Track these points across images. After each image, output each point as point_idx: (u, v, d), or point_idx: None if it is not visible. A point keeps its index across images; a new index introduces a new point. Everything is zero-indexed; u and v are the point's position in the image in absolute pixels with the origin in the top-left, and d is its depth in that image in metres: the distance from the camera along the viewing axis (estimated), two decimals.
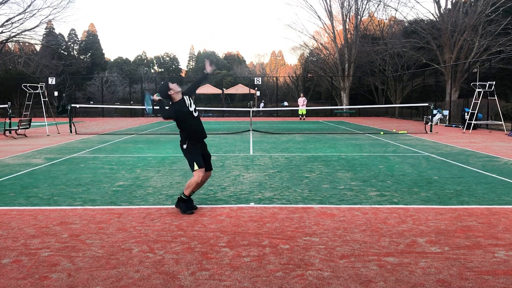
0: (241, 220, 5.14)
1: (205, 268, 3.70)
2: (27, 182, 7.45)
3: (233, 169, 8.75)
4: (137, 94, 48.14)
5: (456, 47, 29.14)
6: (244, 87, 44.95)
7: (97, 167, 9.01)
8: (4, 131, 16.42)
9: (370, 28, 41.93)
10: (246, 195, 6.46)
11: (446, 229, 4.75)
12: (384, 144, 13.65)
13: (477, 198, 6.24)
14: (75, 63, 57.32)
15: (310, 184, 7.25)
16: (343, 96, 39.06)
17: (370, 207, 5.74)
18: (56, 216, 5.32)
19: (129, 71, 65.17)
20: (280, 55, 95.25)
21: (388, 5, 50.70)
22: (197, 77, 5.50)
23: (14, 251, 4.10)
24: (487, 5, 27.57)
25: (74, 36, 67.87)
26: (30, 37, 40.66)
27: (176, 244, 4.30)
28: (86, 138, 15.95)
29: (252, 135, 17.12)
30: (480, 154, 11.02)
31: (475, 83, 18.92)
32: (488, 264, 3.77)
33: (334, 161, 9.91)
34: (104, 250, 4.11)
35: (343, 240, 4.39)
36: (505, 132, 17.77)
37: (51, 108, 24.94)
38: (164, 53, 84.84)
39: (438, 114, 23.99)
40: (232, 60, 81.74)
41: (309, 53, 50.22)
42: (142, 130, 20.40)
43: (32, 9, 38.68)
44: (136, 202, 6.03)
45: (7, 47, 48.79)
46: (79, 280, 3.44)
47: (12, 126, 16.41)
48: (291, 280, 3.45)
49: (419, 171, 8.46)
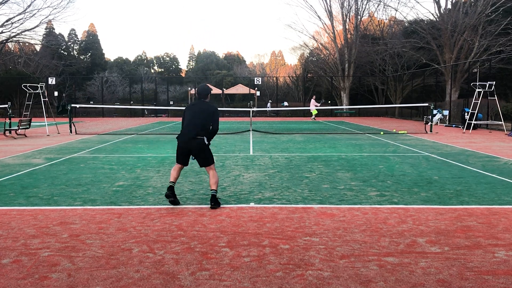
0: (241, 220, 5.14)
1: (205, 268, 3.70)
2: (27, 182, 7.45)
3: (233, 169, 8.75)
4: (137, 94, 48.15)
5: (456, 47, 29.14)
6: (244, 87, 44.97)
7: (97, 167, 9.01)
8: (4, 131, 16.42)
9: (370, 28, 41.94)
10: (246, 195, 6.46)
11: (446, 229, 4.75)
12: (384, 144, 13.65)
13: (477, 198, 6.24)
14: (75, 63, 57.33)
15: (310, 184, 7.25)
16: (343, 96, 39.07)
17: (370, 207, 5.74)
18: (56, 216, 5.32)
19: (129, 71, 65.17)
20: (280, 55, 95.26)
21: (388, 5, 50.78)
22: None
23: (14, 251, 4.10)
24: (487, 5, 27.57)
25: (74, 36, 67.87)
26: (30, 37, 40.73)
27: (176, 244, 4.30)
28: (86, 138, 15.95)
29: (252, 135, 17.13)
30: (480, 154, 11.02)
31: (475, 83, 18.92)
32: (488, 264, 3.77)
33: (334, 161, 9.91)
34: (104, 250, 4.11)
35: (343, 240, 4.39)
36: (505, 132, 17.77)
37: (51, 108, 24.93)
38: (164, 53, 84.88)
39: (438, 114, 23.98)
40: (232, 60, 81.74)
41: (309, 53, 50.26)
42: (142, 130, 20.39)
43: (32, 9, 38.81)
44: (136, 202, 6.03)
45: (7, 47, 48.79)
46: (79, 280, 3.44)
47: (12, 126, 16.40)
48: (291, 280, 3.45)
49: (419, 171, 8.46)
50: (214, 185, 5.76)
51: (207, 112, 5.81)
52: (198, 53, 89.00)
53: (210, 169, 5.85)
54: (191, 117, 5.86)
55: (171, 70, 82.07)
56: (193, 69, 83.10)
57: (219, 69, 70.05)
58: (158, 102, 42.82)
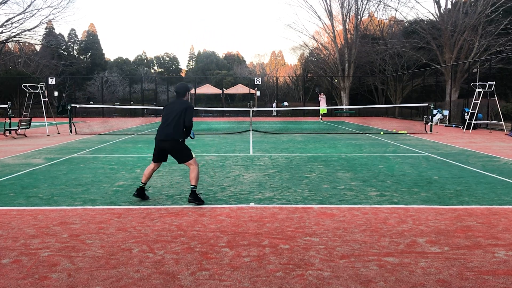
0: (241, 220, 5.14)
1: (205, 268, 3.70)
2: (27, 182, 7.45)
3: (233, 169, 8.76)
4: (137, 94, 48.15)
5: (456, 47, 29.14)
6: (244, 87, 44.96)
7: (97, 167, 9.01)
8: (4, 131, 16.41)
9: (370, 28, 41.94)
10: (246, 195, 6.46)
11: (446, 229, 4.75)
12: (384, 144, 13.65)
13: (477, 198, 6.24)
14: (75, 63, 57.33)
15: (310, 184, 7.25)
16: (343, 96, 39.07)
17: (370, 207, 5.74)
18: (56, 216, 5.32)
19: (129, 71, 65.17)
20: (280, 55, 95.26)
21: (388, 5, 50.78)
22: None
23: (14, 251, 4.10)
24: (487, 5, 27.57)
25: (74, 36, 67.87)
26: (30, 37, 40.73)
27: (176, 244, 4.30)
28: (86, 138, 15.95)
29: (252, 135, 17.13)
30: (480, 154, 11.02)
31: (475, 83, 18.92)
32: (488, 264, 3.77)
33: (334, 161, 9.91)
34: (104, 250, 4.11)
35: (343, 240, 4.39)
36: (505, 132, 17.77)
37: (51, 108, 24.93)
38: (164, 53, 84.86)
39: (438, 114, 23.98)
40: (232, 60, 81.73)
41: (309, 53, 50.25)
42: (142, 130, 20.40)
43: (32, 9, 38.77)
44: (136, 202, 6.03)
45: (7, 47, 48.79)
46: (79, 280, 3.44)
47: (12, 126, 16.40)
48: (291, 280, 3.45)
49: (419, 171, 8.46)
50: (193, 180, 5.85)
51: (180, 110, 5.90)
52: (198, 53, 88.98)
53: (189, 164, 5.95)
54: (166, 116, 5.96)
55: (171, 70, 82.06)
56: (193, 69, 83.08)
57: (219, 69, 70.04)
58: (158, 102, 42.82)
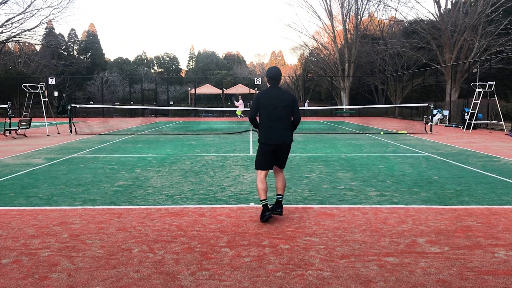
0: (241, 220, 5.14)
1: (205, 268, 3.70)
2: (27, 182, 7.45)
3: (233, 169, 8.75)
4: (137, 94, 48.15)
5: (456, 47, 29.14)
6: (244, 87, 44.98)
7: (97, 167, 9.01)
8: (4, 131, 16.41)
9: (370, 28, 41.95)
10: (246, 195, 6.46)
11: (446, 229, 4.75)
12: (384, 144, 13.65)
13: (477, 198, 6.24)
14: (75, 63, 57.33)
15: (310, 184, 7.25)
16: (343, 96, 39.07)
17: (370, 207, 5.74)
18: (56, 216, 5.32)
19: (129, 71, 65.20)
20: (280, 55, 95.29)
21: (388, 5, 50.73)
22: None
23: (14, 251, 4.10)
24: (487, 5, 27.56)
25: (74, 36, 67.89)
26: (30, 37, 40.77)
27: (176, 244, 4.30)
28: (86, 138, 15.95)
29: (252, 135, 17.12)
30: (480, 154, 11.02)
31: (475, 83, 18.93)
32: (488, 264, 3.77)
33: (334, 161, 9.91)
34: (104, 250, 4.11)
35: (343, 240, 4.39)
36: (505, 132, 17.76)
37: (51, 108, 24.94)
38: (164, 53, 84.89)
39: (438, 114, 23.98)
40: (232, 60, 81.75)
41: (309, 53, 50.26)
42: (142, 130, 20.39)
43: (32, 9, 38.74)
44: (136, 202, 6.03)
45: (7, 47, 48.78)
46: (79, 280, 3.44)
47: (12, 126, 16.40)
48: (291, 280, 3.45)
49: (419, 171, 8.46)
50: (283, 189, 5.15)
51: (286, 103, 4.98)
52: (198, 53, 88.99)
53: (282, 171, 5.23)
54: (269, 110, 4.96)
55: (171, 70, 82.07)
56: (193, 69, 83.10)
57: (219, 69, 70.03)
58: (158, 102, 42.82)
